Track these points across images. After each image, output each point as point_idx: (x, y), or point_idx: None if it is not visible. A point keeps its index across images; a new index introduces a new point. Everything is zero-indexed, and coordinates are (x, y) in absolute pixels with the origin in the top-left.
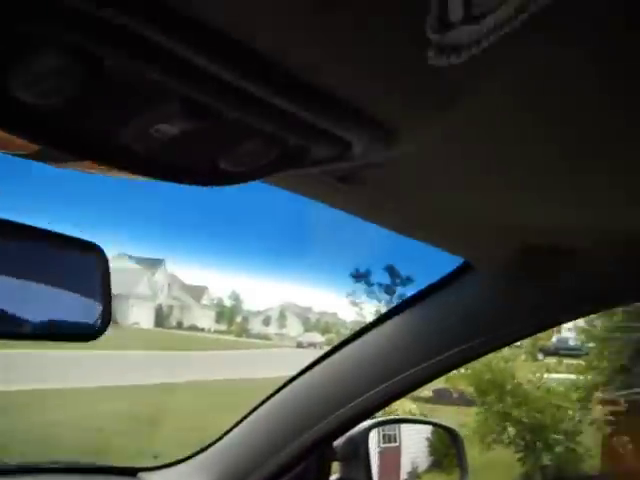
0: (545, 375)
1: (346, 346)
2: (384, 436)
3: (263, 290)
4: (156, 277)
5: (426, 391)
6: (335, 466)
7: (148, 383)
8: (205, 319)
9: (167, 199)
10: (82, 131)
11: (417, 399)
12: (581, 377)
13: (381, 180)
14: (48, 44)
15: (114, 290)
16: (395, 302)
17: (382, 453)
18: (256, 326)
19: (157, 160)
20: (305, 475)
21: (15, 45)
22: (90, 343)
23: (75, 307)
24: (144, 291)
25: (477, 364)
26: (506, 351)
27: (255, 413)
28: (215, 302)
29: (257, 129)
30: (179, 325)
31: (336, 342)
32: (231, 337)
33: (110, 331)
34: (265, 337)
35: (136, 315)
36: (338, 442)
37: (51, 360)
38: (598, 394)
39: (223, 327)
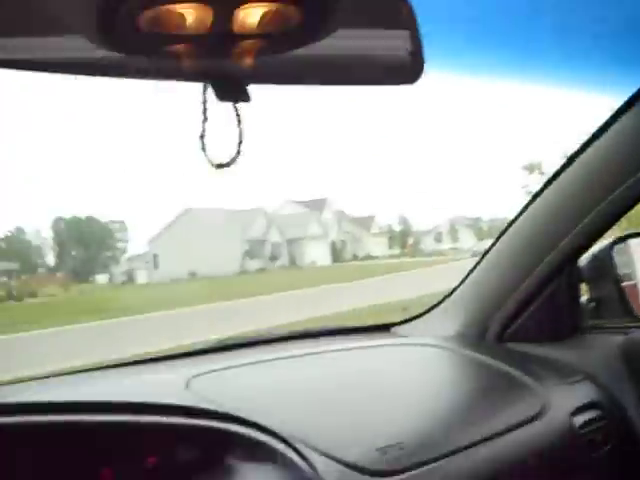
0: None
1: (574, 161)
2: None
3: (430, 208)
4: (324, 216)
5: None
6: (584, 287)
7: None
8: (378, 247)
9: None
10: None
11: None
12: None
13: None
14: None
15: (288, 235)
16: None
17: None
18: (428, 244)
19: None
20: (554, 298)
21: None
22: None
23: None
24: (316, 231)
25: None
26: None
27: (493, 249)
28: (385, 229)
29: None
30: (354, 257)
31: None
32: (406, 259)
33: (291, 273)
34: (439, 253)
35: (312, 255)
36: (583, 262)
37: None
38: None
39: (396, 251)
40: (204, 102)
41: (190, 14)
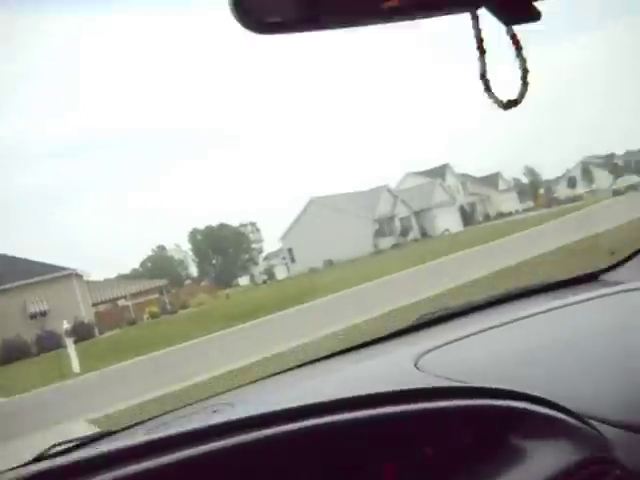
0: None
1: None
2: None
3: (556, 154)
4: (447, 182)
5: None
6: None
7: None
8: (508, 203)
9: None
10: None
11: None
12: None
13: None
14: None
15: (415, 208)
16: None
17: None
18: (562, 192)
19: None
20: None
21: None
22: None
23: None
24: (441, 199)
25: None
26: None
27: None
28: (512, 184)
29: None
30: (486, 217)
31: None
32: (542, 211)
33: (423, 245)
34: (576, 199)
35: (442, 223)
36: None
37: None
38: None
39: (529, 204)
40: (478, 34)
41: None
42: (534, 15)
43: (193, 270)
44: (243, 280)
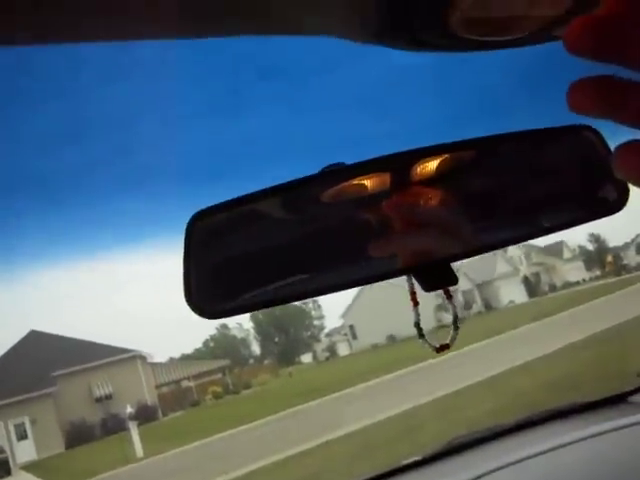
0: None
1: None
2: None
3: (621, 221)
4: (509, 253)
5: None
6: None
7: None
8: (575, 272)
9: None
10: None
11: None
12: None
13: None
14: None
15: (477, 280)
16: None
17: None
18: (631, 258)
19: None
20: None
21: None
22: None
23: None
24: (504, 270)
25: None
26: None
27: None
28: (577, 252)
29: None
30: (552, 288)
31: None
32: (610, 279)
33: (489, 318)
34: None
35: (507, 295)
36: None
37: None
38: None
39: (597, 272)
40: (411, 288)
41: (369, 182)
42: (451, 281)
43: (256, 348)
44: (306, 357)
